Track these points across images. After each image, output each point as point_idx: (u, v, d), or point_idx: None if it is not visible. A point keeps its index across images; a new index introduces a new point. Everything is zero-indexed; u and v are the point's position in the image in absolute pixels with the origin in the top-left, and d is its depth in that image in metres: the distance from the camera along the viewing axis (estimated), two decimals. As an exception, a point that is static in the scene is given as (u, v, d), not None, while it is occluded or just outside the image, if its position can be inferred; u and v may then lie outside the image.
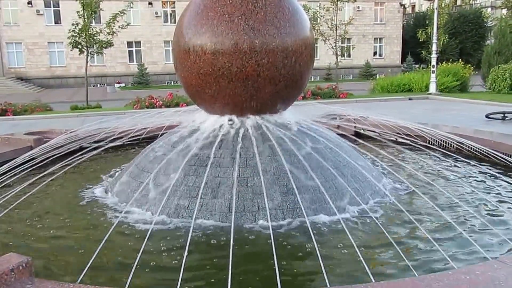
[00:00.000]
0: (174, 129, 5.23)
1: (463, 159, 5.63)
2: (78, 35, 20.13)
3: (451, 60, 29.56)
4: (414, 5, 67.42)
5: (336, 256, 3.32)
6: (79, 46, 20.45)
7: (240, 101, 4.61)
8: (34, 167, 4.86)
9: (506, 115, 12.46)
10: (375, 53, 47.28)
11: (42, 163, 5.00)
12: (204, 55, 4.44)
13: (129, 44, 40.91)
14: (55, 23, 39.40)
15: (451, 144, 6.23)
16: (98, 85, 39.51)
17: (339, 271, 3.12)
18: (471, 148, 5.97)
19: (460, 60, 27.63)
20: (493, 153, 5.43)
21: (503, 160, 5.35)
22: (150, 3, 40.93)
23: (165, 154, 4.66)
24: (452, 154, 5.89)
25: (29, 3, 38.59)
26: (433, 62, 22.04)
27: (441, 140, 6.31)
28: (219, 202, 4.07)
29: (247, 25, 4.37)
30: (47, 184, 4.68)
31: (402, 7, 49.33)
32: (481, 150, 5.69)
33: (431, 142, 6.31)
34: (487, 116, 12.64)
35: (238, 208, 3.99)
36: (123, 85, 38.80)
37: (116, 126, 5.86)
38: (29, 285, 2.31)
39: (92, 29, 20.34)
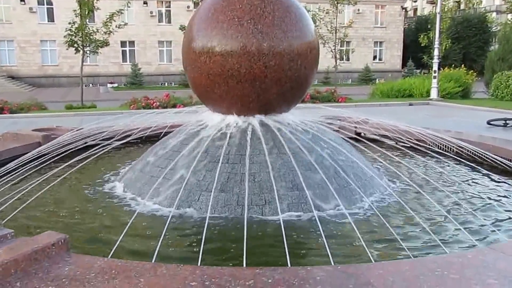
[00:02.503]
0: (183, 126, 5.43)
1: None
2: (74, 34, 20.12)
3: (453, 65, 28.34)
4: (416, 9, 65.78)
5: (341, 247, 3.54)
6: (75, 45, 20.45)
7: (247, 101, 4.84)
8: (51, 160, 5.03)
9: (507, 122, 12.50)
10: (375, 57, 46.14)
11: (58, 157, 5.17)
12: (214, 57, 4.65)
13: (123, 43, 40.55)
14: (48, 21, 39.17)
15: (451, 148, 6.43)
16: (90, 84, 39.18)
17: (344, 255, 3.38)
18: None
19: (463, 65, 27.02)
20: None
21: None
22: (145, 3, 40.55)
23: (175, 150, 4.87)
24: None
25: (22, 0, 38.31)
26: (435, 67, 21.66)
27: (441, 144, 6.48)
28: (228, 196, 4.28)
29: (255, 28, 4.59)
30: (61, 180, 4.84)
31: (404, 10, 47.40)
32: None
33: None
34: (488, 123, 12.66)
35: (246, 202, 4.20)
36: (116, 85, 38.66)
37: (126, 123, 6.04)
38: (67, 258, 2.54)
39: (89, 28, 20.34)
